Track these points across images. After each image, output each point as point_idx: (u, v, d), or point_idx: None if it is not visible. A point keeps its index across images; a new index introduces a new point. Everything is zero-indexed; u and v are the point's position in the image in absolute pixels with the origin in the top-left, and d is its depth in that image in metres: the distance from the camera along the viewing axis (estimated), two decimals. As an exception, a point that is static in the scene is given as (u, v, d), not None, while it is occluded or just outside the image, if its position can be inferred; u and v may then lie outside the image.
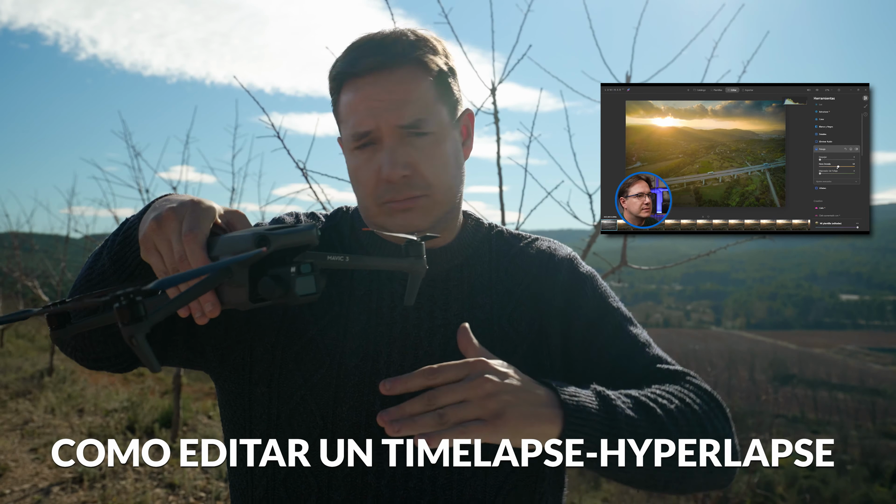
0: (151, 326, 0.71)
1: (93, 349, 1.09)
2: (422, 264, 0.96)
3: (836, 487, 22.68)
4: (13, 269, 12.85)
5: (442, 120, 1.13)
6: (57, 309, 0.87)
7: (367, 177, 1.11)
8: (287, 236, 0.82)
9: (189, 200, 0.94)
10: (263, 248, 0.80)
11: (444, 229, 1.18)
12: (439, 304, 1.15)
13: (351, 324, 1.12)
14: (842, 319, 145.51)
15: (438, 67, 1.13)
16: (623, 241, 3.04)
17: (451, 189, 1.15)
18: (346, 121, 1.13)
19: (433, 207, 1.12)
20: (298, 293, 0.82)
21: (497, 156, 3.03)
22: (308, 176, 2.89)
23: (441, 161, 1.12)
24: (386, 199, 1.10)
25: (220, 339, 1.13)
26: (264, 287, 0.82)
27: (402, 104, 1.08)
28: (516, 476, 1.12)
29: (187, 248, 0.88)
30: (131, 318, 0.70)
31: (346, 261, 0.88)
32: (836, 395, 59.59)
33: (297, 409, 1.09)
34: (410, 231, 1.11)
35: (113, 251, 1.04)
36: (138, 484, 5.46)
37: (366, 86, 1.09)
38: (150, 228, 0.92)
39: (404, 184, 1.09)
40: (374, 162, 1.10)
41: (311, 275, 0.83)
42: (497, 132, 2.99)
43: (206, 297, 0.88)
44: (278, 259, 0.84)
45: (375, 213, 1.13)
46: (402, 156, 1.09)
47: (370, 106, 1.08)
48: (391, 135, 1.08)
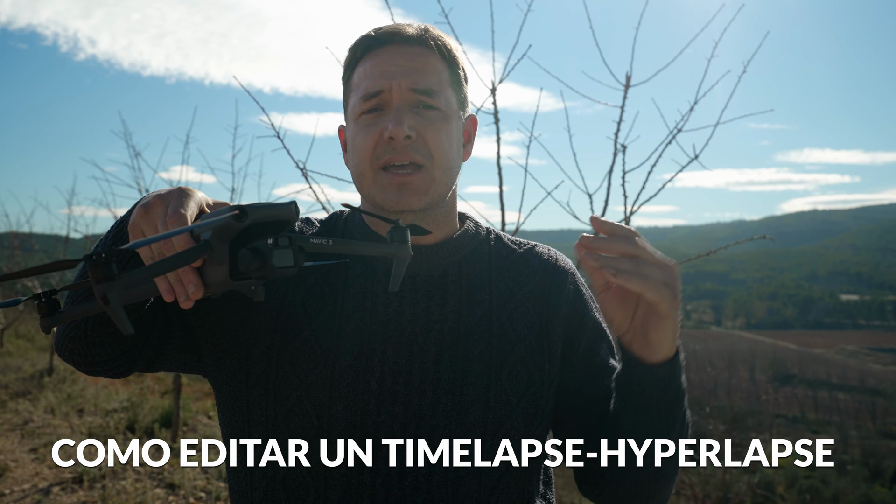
0: (126, 287, 0.72)
1: (89, 352, 1.09)
2: (406, 250, 0.95)
3: (836, 487, 22.68)
4: (13, 269, 12.84)
5: (451, 103, 1.15)
6: (51, 269, 0.87)
7: (367, 139, 1.11)
8: (264, 209, 0.82)
9: (177, 188, 0.95)
10: (235, 212, 0.79)
11: (436, 220, 1.18)
12: (436, 300, 1.15)
13: (345, 322, 1.12)
14: (842, 319, 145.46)
15: (455, 60, 1.17)
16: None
17: (450, 171, 1.15)
18: (358, 87, 1.14)
19: (430, 184, 1.12)
20: (276, 265, 0.81)
21: (497, 156, 3.03)
22: (308, 176, 2.89)
23: (446, 136, 1.13)
24: (385, 159, 1.10)
25: (216, 342, 1.12)
26: (242, 260, 0.81)
27: (417, 71, 1.11)
28: (510, 475, 1.12)
29: (171, 229, 0.88)
30: (103, 275, 0.70)
31: (329, 244, 0.88)
32: (836, 395, 59.57)
33: (294, 409, 1.09)
34: (402, 209, 1.11)
35: (107, 245, 1.06)
36: (138, 484, 5.46)
37: (384, 53, 1.13)
38: (138, 215, 0.94)
39: (407, 146, 1.10)
40: (377, 124, 1.11)
41: (290, 248, 0.83)
42: (497, 132, 2.99)
43: (189, 277, 0.87)
44: (259, 235, 0.84)
45: (370, 182, 1.13)
46: (410, 119, 1.10)
47: (385, 70, 1.11)
48: (401, 98, 1.10)
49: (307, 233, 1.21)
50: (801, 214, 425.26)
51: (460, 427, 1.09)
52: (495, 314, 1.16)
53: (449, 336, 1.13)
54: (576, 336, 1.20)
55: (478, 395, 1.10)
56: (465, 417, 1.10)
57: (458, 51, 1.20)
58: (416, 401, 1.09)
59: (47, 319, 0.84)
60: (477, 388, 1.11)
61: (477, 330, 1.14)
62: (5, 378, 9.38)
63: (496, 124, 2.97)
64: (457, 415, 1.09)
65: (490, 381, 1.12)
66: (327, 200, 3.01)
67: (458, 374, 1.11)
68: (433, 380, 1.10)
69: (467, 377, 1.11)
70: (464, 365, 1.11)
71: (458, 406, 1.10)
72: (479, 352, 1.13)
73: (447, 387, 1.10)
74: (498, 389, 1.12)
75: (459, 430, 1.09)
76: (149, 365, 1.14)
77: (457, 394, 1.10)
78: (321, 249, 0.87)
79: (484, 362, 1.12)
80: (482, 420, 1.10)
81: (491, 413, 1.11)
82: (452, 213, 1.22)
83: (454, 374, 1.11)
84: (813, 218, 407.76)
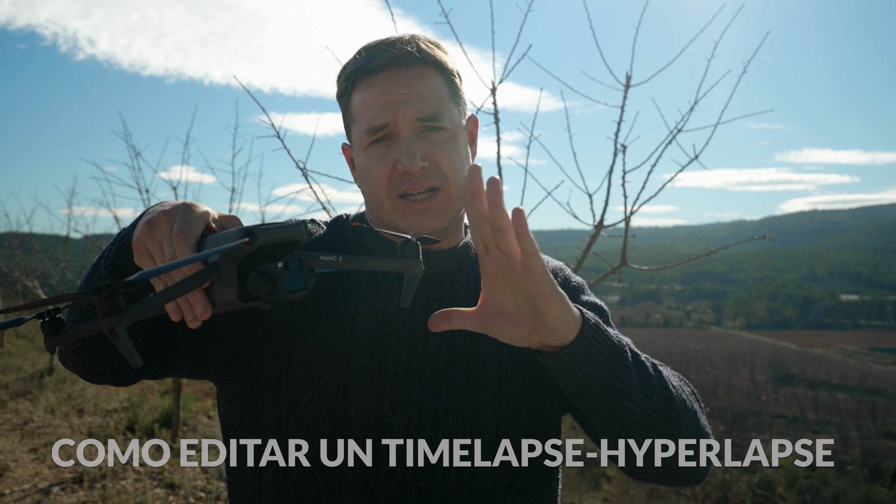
0: (134, 320, 0.69)
1: (94, 362, 1.08)
2: (418, 265, 0.95)
3: (836, 487, 22.68)
4: (13, 269, 12.84)
5: (454, 119, 1.14)
6: (52, 303, 0.85)
7: (381, 170, 1.11)
8: (273, 231, 0.80)
9: (181, 204, 0.92)
10: (245, 239, 0.78)
11: (453, 230, 1.19)
12: (446, 302, 1.16)
13: (357, 324, 1.11)
14: (842, 319, 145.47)
15: (449, 69, 1.16)
16: (623, 241, 3.04)
17: None
18: (361, 118, 1.12)
19: (448, 205, 1.12)
20: (286, 289, 0.80)
21: (497, 156, 3.03)
22: (308, 176, 2.89)
23: (456, 155, 1.13)
24: (402, 189, 1.10)
25: (224, 347, 1.11)
26: (251, 283, 0.80)
27: (419, 98, 1.10)
28: (525, 475, 1.13)
29: (177, 248, 0.87)
30: (111, 309, 0.68)
31: (339, 261, 0.87)
32: (836, 395, 59.57)
33: (306, 411, 1.08)
34: (426, 233, 1.11)
35: (110, 260, 1.03)
36: (138, 484, 5.46)
37: (382, 81, 1.10)
38: (142, 232, 0.91)
39: (422, 175, 1.10)
40: (388, 156, 1.10)
41: (300, 270, 0.81)
42: (497, 132, 2.99)
43: (197, 297, 0.86)
44: (269, 257, 0.82)
45: (389, 211, 1.13)
46: (420, 148, 1.09)
47: (387, 100, 1.09)
48: (408, 128, 1.09)
49: (314, 234, 1.21)
50: (800, 214, 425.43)
51: (475, 428, 1.09)
52: None
53: (461, 338, 1.13)
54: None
55: (490, 396, 1.11)
56: (479, 418, 1.10)
57: (448, 54, 1.19)
58: (430, 402, 1.09)
59: (52, 339, 0.82)
60: (489, 389, 1.11)
61: None
62: (5, 378, 9.38)
63: (496, 124, 2.97)
64: (471, 416, 1.10)
65: (502, 381, 1.13)
66: (327, 200, 3.00)
67: (471, 376, 1.11)
68: (447, 381, 1.10)
69: (480, 378, 1.11)
70: (476, 366, 1.12)
71: (472, 407, 1.10)
72: (490, 353, 1.13)
73: (461, 388, 1.10)
74: (509, 390, 1.13)
75: (474, 431, 1.09)
76: (154, 372, 1.12)
77: (470, 395, 1.10)
78: (331, 267, 0.86)
79: (495, 363, 1.13)
80: (495, 420, 1.11)
81: (503, 413, 1.11)
82: (461, 221, 1.23)
83: (467, 375, 1.11)
84: (813, 218, 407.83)
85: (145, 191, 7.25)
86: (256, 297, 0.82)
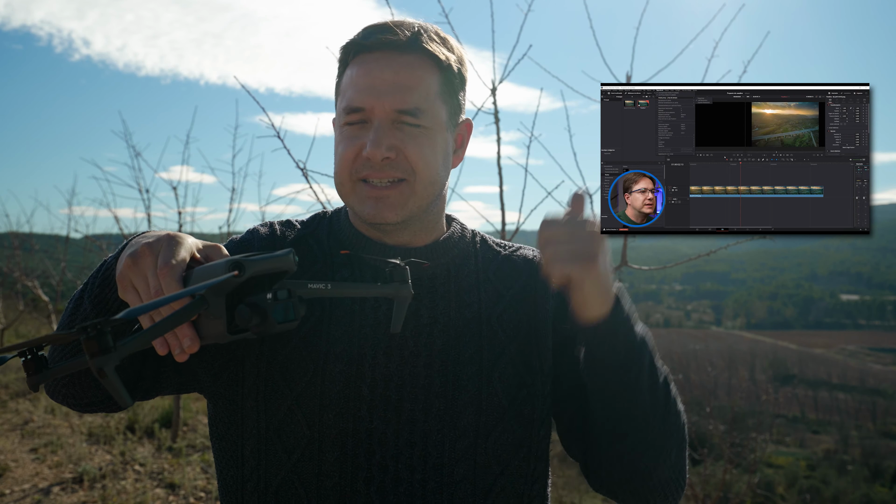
0: (122, 358, 0.68)
1: (83, 395, 1.07)
2: (407, 289, 0.94)
3: (836, 487, 22.67)
4: (13, 269, 12.83)
5: (438, 117, 1.12)
6: (36, 343, 0.79)
7: (348, 151, 1.10)
8: (262, 262, 0.79)
9: (165, 235, 0.91)
10: (235, 273, 0.77)
11: (423, 226, 1.17)
12: (425, 302, 1.14)
13: (333, 327, 1.10)
14: (842, 319, 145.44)
15: (449, 66, 1.13)
16: (623, 241, 3.03)
17: (434, 184, 1.13)
18: (344, 94, 1.12)
19: (409, 198, 1.10)
20: (276, 320, 0.80)
21: (497, 156, 3.03)
22: (308, 176, 2.89)
23: (430, 151, 1.11)
24: (363, 174, 1.09)
25: (211, 361, 1.10)
26: (240, 316, 0.79)
27: (403, 88, 1.08)
28: (505, 478, 1.11)
29: (163, 282, 0.85)
30: (99, 349, 0.67)
31: (328, 288, 0.86)
32: (837, 395, 59.56)
33: (286, 419, 1.07)
34: (378, 222, 1.10)
35: (93, 293, 1.01)
36: (138, 484, 5.46)
37: (372, 61, 1.09)
38: (126, 265, 0.90)
39: (386, 164, 1.08)
40: (358, 138, 1.09)
41: (290, 301, 0.81)
42: (497, 132, 2.99)
43: (185, 331, 0.84)
44: (256, 287, 0.81)
45: (349, 191, 1.12)
46: (389, 138, 1.08)
47: (371, 83, 1.08)
48: (384, 116, 1.08)
49: (288, 237, 1.19)
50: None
51: (453, 431, 1.08)
52: (484, 316, 1.15)
53: (439, 339, 1.11)
54: (561, 326, 1.19)
55: (470, 399, 1.09)
56: (458, 421, 1.09)
57: (457, 51, 1.16)
58: (408, 406, 1.08)
59: (35, 377, 0.79)
60: (469, 392, 1.10)
61: (467, 332, 1.13)
62: (5, 378, 9.37)
63: (496, 124, 2.97)
64: (450, 419, 1.08)
65: (482, 383, 1.11)
66: (327, 200, 3.01)
67: (449, 378, 1.10)
68: (425, 384, 1.09)
69: (459, 380, 1.10)
70: (455, 368, 1.10)
71: (450, 410, 1.09)
72: (469, 354, 1.12)
73: (439, 391, 1.09)
74: (490, 392, 1.11)
75: (453, 434, 1.08)
76: (145, 394, 1.12)
77: (449, 397, 1.09)
78: (320, 294, 0.86)
79: (475, 365, 1.11)
80: (475, 423, 1.09)
81: (483, 416, 1.10)
82: (440, 218, 1.21)
83: (446, 377, 1.10)
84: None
85: (145, 191, 7.26)
86: (245, 328, 0.81)
